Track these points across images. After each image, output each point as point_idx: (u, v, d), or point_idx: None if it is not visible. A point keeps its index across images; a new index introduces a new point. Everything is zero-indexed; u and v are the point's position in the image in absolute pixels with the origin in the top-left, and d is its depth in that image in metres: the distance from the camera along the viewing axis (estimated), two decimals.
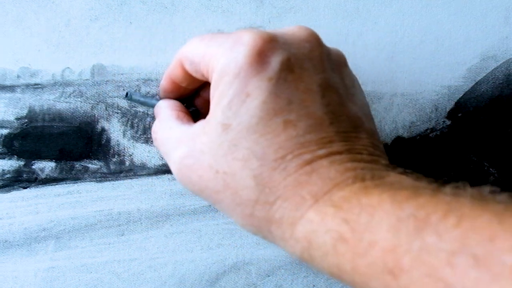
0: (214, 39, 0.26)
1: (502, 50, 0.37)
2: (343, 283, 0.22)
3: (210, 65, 0.26)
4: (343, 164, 0.23)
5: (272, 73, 0.24)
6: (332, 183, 0.23)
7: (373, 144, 0.25)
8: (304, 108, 0.24)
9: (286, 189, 0.23)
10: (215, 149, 0.25)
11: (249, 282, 0.35)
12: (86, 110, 0.34)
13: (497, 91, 0.37)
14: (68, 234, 0.34)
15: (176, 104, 0.31)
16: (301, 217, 0.23)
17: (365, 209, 0.21)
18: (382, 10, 0.36)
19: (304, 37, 0.26)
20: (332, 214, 0.22)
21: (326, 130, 0.24)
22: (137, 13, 0.34)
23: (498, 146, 0.37)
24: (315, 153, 0.23)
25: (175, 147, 0.27)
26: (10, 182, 0.34)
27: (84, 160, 0.34)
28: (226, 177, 0.25)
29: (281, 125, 0.24)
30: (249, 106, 0.24)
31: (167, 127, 0.29)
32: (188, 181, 0.26)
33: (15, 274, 0.33)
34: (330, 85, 0.25)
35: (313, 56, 0.25)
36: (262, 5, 0.35)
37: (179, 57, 0.29)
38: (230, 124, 0.24)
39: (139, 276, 0.35)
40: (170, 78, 0.30)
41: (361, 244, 0.21)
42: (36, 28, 0.33)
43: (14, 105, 0.33)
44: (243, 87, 0.24)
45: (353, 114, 0.26)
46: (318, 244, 0.22)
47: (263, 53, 0.24)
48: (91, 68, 0.34)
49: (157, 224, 0.35)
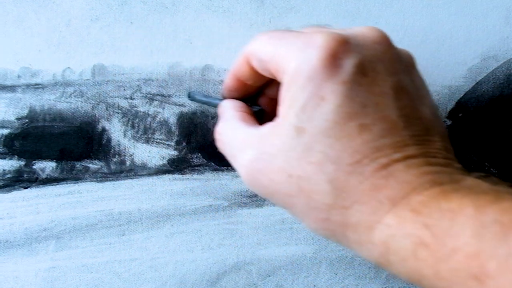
0: (284, 38, 0.26)
1: (503, 50, 0.37)
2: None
3: (280, 65, 0.25)
4: (419, 168, 0.23)
5: (346, 76, 0.24)
6: (410, 187, 0.23)
7: (446, 147, 0.25)
8: (379, 112, 0.24)
9: (362, 193, 0.23)
10: (288, 152, 0.24)
11: (250, 282, 0.35)
12: (87, 110, 0.34)
13: (498, 91, 0.37)
14: (68, 234, 0.34)
15: (241, 104, 0.30)
16: (379, 222, 0.23)
17: (446, 214, 0.21)
18: (383, 10, 0.36)
19: (375, 39, 0.25)
20: (411, 218, 0.22)
21: (401, 134, 0.24)
22: (137, 13, 0.34)
23: (499, 146, 0.37)
24: (390, 157, 0.23)
25: (242, 149, 0.27)
26: (10, 182, 0.34)
27: (84, 160, 0.34)
28: (300, 181, 0.24)
29: (356, 129, 0.23)
30: (324, 110, 0.24)
31: (232, 128, 0.28)
32: (258, 185, 0.26)
33: (15, 274, 0.33)
34: (402, 88, 0.25)
35: (385, 58, 0.25)
36: (263, 5, 0.35)
37: (246, 54, 0.28)
38: (305, 127, 0.24)
39: (140, 276, 0.35)
40: (235, 76, 0.30)
41: (443, 249, 0.20)
42: (37, 28, 0.33)
43: (15, 105, 0.33)
44: (317, 90, 0.24)
45: (425, 116, 0.25)
46: (397, 249, 0.22)
47: (337, 56, 0.24)
48: (91, 68, 0.34)
49: (158, 224, 0.35)
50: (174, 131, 0.35)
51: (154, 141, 0.35)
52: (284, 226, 0.36)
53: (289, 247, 0.36)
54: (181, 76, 0.35)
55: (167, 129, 0.35)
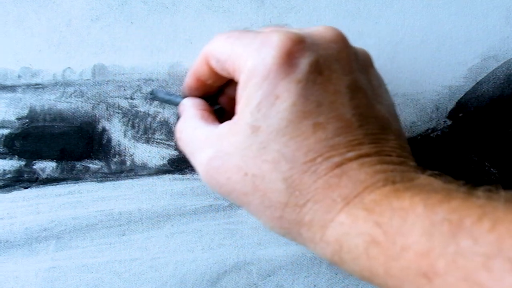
0: (241, 38, 0.26)
1: (503, 50, 0.37)
2: (375, 286, 0.22)
3: (237, 65, 0.26)
4: (372, 167, 0.23)
5: (301, 75, 0.24)
6: (363, 186, 0.23)
7: (401, 145, 0.25)
8: (333, 111, 0.24)
9: (316, 191, 0.23)
10: (243, 150, 0.25)
11: (250, 282, 0.35)
12: (87, 110, 0.34)
13: (498, 91, 0.37)
14: (69, 234, 0.34)
15: (201, 102, 0.31)
16: (332, 220, 0.23)
17: (397, 212, 0.21)
18: (383, 10, 0.36)
19: (331, 38, 0.26)
20: (364, 217, 0.22)
21: (355, 133, 0.24)
22: (138, 13, 0.34)
23: (499, 146, 0.37)
24: (344, 155, 0.23)
25: (201, 148, 0.27)
26: (11, 182, 0.34)
27: (85, 160, 0.34)
28: (255, 179, 0.24)
29: (310, 127, 0.24)
30: (279, 108, 0.24)
31: (192, 127, 0.29)
32: (215, 183, 0.26)
33: (16, 274, 0.33)
34: (358, 87, 0.25)
35: (341, 57, 0.25)
36: (263, 5, 0.35)
37: (205, 54, 0.28)
38: (260, 126, 0.24)
39: (140, 276, 0.35)
40: (195, 75, 0.30)
41: (394, 248, 0.21)
42: (37, 28, 0.33)
43: (15, 105, 0.33)
44: (272, 89, 0.24)
45: (381, 115, 0.25)
46: (350, 247, 0.22)
47: (292, 55, 0.24)
48: (92, 68, 0.34)
49: (158, 224, 0.35)
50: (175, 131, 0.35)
51: (154, 141, 0.35)
52: None
53: (289, 247, 0.36)
54: (181, 76, 0.35)
55: (167, 129, 0.35)
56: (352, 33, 0.36)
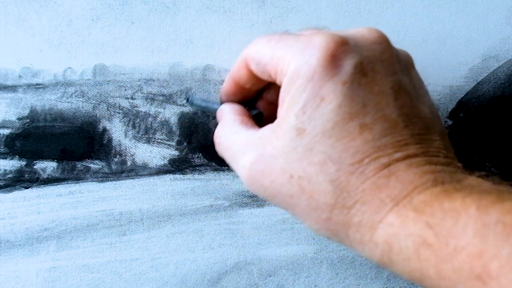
0: (283, 40, 0.26)
1: (504, 50, 0.37)
2: (426, 287, 0.22)
3: (279, 68, 0.26)
4: (421, 167, 0.23)
5: (346, 76, 0.24)
6: (412, 186, 0.23)
7: (446, 146, 0.25)
8: (379, 111, 0.24)
9: (364, 192, 0.23)
10: (288, 153, 0.25)
11: (251, 282, 0.35)
12: (88, 110, 0.34)
13: (499, 91, 0.37)
14: (69, 234, 0.34)
15: (240, 108, 0.31)
16: (381, 221, 0.23)
17: (449, 213, 0.21)
18: (384, 10, 0.36)
19: (374, 39, 0.26)
20: (414, 218, 0.22)
21: (401, 133, 0.24)
22: (138, 13, 0.34)
23: (500, 146, 0.37)
24: (392, 156, 0.23)
25: (243, 152, 0.27)
26: (12, 182, 0.34)
27: (85, 160, 0.34)
28: (301, 181, 0.24)
29: (357, 129, 0.24)
30: (324, 110, 0.24)
31: (231, 132, 0.28)
32: (259, 186, 0.26)
33: (16, 274, 0.33)
34: (402, 87, 0.25)
35: (385, 59, 0.25)
36: (264, 5, 0.35)
37: (245, 58, 0.28)
38: (305, 128, 0.24)
39: (141, 276, 0.35)
40: (233, 80, 0.30)
41: (446, 249, 0.20)
42: (38, 28, 0.33)
43: (16, 105, 0.33)
44: (317, 91, 0.24)
45: (425, 115, 0.25)
46: (400, 248, 0.22)
47: (336, 56, 0.24)
48: (92, 68, 0.34)
49: (159, 224, 0.35)
50: (175, 131, 0.35)
51: (155, 141, 0.35)
52: (285, 226, 0.36)
53: (290, 247, 0.36)
54: (182, 76, 0.35)
55: (168, 129, 0.35)
56: None
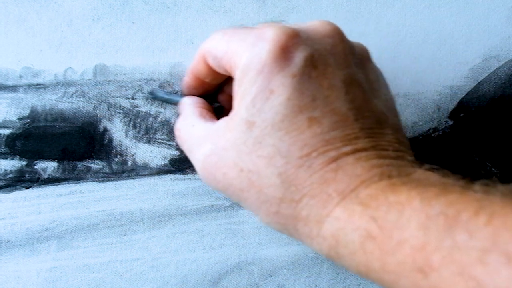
0: (236, 34, 0.26)
1: (505, 50, 0.37)
2: (371, 281, 0.22)
3: (233, 61, 0.26)
4: (369, 161, 0.23)
5: (295, 69, 0.24)
6: (359, 180, 0.23)
7: (399, 140, 0.25)
8: (329, 105, 0.24)
9: (312, 186, 0.23)
10: (239, 146, 0.25)
11: (252, 282, 0.35)
12: (89, 110, 0.34)
13: (500, 91, 0.37)
14: (70, 234, 0.34)
15: (200, 101, 0.31)
16: (328, 215, 0.23)
17: (393, 206, 0.21)
18: (385, 10, 0.36)
19: (326, 32, 0.26)
20: (360, 211, 0.22)
21: (351, 127, 0.24)
22: (139, 13, 0.34)
23: (500, 146, 0.37)
24: (340, 150, 0.23)
25: (199, 144, 0.27)
26: (12, 182, 0.34)
27: (86, 160, 0.34)
28: (251, 175, 0.24)
29: (305, 122, 0.23)
30: (273, 103, 0.24)
31: (190, 124, 0.29)
32: (212, 179, 0.26)
33: (17, 274, 0.33)
34: (354, 81, 0.25)
35: (336, 52, 0.25)
36: (265, 5, 0.35)
37: (202, 52, 0.28)
38: (254, 121, 0.24)
39: (142, 276, 0.35)
40: (193, 74, 0.30)
41: (390, 242, 0.20)
42: (38, 28, 0.33)
43: (17, 105, 0.33)
44: (266, 83, 0.24)
45: (378, 109, 0.25)
46: (346, 242, 0.22)
47: (287, 49, 0.24)
48: (93, 68, 0.34)
49: (159, 224, 0.35)
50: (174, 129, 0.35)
51: (155, 141, 0.35)
52: None
53: (290, 247, 0.36)
54: (182, 76, 0.35)
55: (168, 129, 0.35)
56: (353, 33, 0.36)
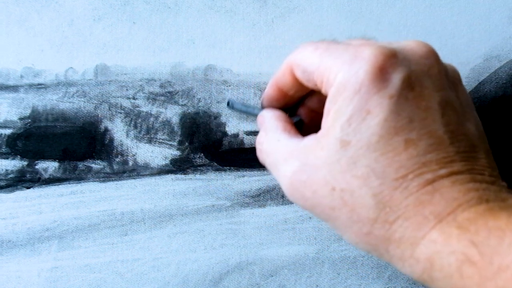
0: (330, 50, 0.26)
1: (506, 50, 0.37)
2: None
3: (326, 77, 0.25)
4: (465, 185, 0.23)
5: (393, 90, 0.24)
6: (456, 204, 0.23)
7: (491, 164, 0.25)
8: (425, 127, 0.24)
9: (407, 208, 0.23)
10: (332, 165, 0.24)
11: (253, 282, 0.35)
12: (89, 110, 0.34)
13: (501, 91, 0.37)
14: (71, 234, 0.34)
15: (282, 114, 0.30)
16: (423, 237, 0.23)
17: (494, 232, 0.21)
18: (385, 10, 0.36)
19: (423, 54, 0.25)
20: (458, 235, 0.22)
21: (447, 150, 0.24)
22: (140, 13, 0.34)
23: (501, 146, 0.37)
24: (436, 172, 0.23)
25: (285, 160, 0.27)
26: (13, 182, 0.34)
27: (87, 160, 0.34)
28: (343, 194, 0.24)
29: (402, 144, 0.23)
30: (370, 123, 0.24)
31: (274, 138, 0.28)
32: (300, 196, 0.26)
33: (18, 274, 0.33)
34: (449, 104, 0.25)
35: (433, 74, 0.25)
36: (266, 5, 0.35)
37: (290, 64, 0.28)
38: (350, 141, 0.24)
39: (143, 276, 0.35)
40: (277, 86, 0.30)
41: (490, 268, 0.20)
42: (40, 28, 0.33)
43: (18, 105, 0.33)
44: (363, 103, 0.24)
45: (471, 133, 0.25)
46: (442, 266, 0.22)
47: (384, 70, 0.24)
48: (94, 68, 0.34)
49: (160, 224, 0.35)
50: (177, 131, 0.35)
51: (156, 141, 0.35)
52: (287, 226, 0.36)
53: (291, 247, 0.36)
54: (183, 76, 0.35)
55: (169, 129, 0.35)
56: (354, 34, 0.36)
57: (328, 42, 0.27)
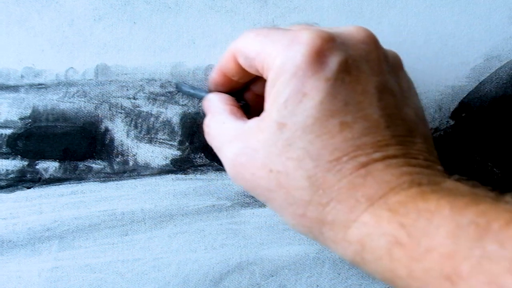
0: (270, 35, 0.26)
1: (506, 50, 0.37)
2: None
3: (266, 62, 0.26)
4: (399, 168, 0.23)
5: (329, 73, 0.24)
6: (388, 187, 0.23)
7: (428, 149, 0.25)
8: (361, 111, 0.24)
9: (340, 191, 0.23)
10: (269, 147, 0.25)
11: (253, 282, 0.35)
12: (90, 110, 0.34)
13: (501, 91, 0.37)
14: (71, 234, 0.34)
15: (228, 98, 0.31)
16: (355, 220, 0.23)
17: (423, 214, 0.21)
18: (386, 10, 0.36)
19: (361, 38, 0.26)
20: (388, 218, 0.22)
21: (382, 134, 0.24)
22: (141, 13, 0.34)
23: (502, 146, 0.37)
24: (370, 156, 0.23)
25: (229, 142, 0.27)
26: (14, 182, 0.34)
27: (87, 160, 0.34)
28: (279, 176, 0.24)
29: (337, 126, 0.24)
30: (306, 106, 0.24)
31: (220, 121, 0.29)
32: (240, 178, 0.26)
33: (19, 274, 0.33)
34: (386, 88, 0.25)
35: (371, 58, 0.25)
36: (266, 5, 0.35)
37: (233, 51, 0.28)
38: (286, 123, 0.24)
39: (143, 276, 0.35)
40: (221, 71, 0.30)
41: (418, 249, 0.20)
42: (40, 28, 0.33)
43: (18, 105, 0.33)
44: (300, 86, 0.24)
45: (409, 118, 0.25)
46: (372, 248, 0.22)
47: (321, 53, 0.24)
48: (94, 68, 0.34)
49: (161, 224, 0.35)
50: (177, 131, 0.35)
51: (157, 141, 0.35)
52: (287, 226, 0.36)
53: (292, 247, 0.36)
54: (184, 76, 0.35)
55: (170, 129, 0.35)
56: None
57: (269, 28, 0.27)
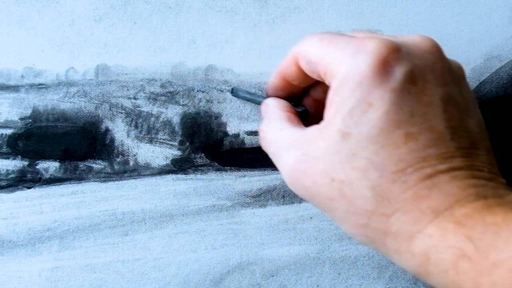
0: (334, 41, 0.26)
1: (507, 50, 0.37)
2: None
3: (329, 69, 0.26)
4: (464, 181, 0.23)
5: (395, 84, 0.24)
6: (454, 199, 0.23)
7: (491, 161, 0.25)
8: (426, 122, 0.24)
9: (405, 202, 0.23)
10: (331, 156, 0.24)
11: (253, 282, 0.35)
12: (90, 110, 0.34)
13: (502, 91, 0.37)
14: (72, 234, 0.34)
15: (286, 104, 0.31)
16: (420, 232, 0.23)
17: (490, 227, 0.21)
18: (386, 10, 0.36)
19: (427, 48, 0.25)
20: (454, 230, 0.22)
21: (447, 145, 0.24)
22: (141, 13, 0.34)
23: (502, 146, 0.37)
24: (435, 167, 0.23)
25: (287, 149, 0.27)
26: (14, 182, 0.34)
27: (88, 160, 0.34)
28: (342, 185, 0.24)
29: (402, 137, 0.23)
30: (371, 116, 0.24)
31: (277, 128, 0.29)
32: (299, 186, 0.26)
33: (19, 274, 0.33)
34: (451, 99, 0.25)
35: (436, 69, 0.25)
36: (266, 5, 0.35)
37: (295, 54, 0.28)
38: (350, 132, 0.24)
39: (143, 276, 0.35)
40: (281, 76, 0.30)
41: (485, 263, 0.20)
42: (40, 28, 0.33)
43: (18, 105, 0.33)
44: (365, 96, 0.24)
45: (472, 129, 0.25)
46: (437, 260, 0.22)
47: (387, 63, 0.24)
48: (95, 68, 0.34)
49: (161, 224, 0.35)
50: (178, 131, 0.35)
51: (157, 141, 0.35)
52: (288, 226, 0.36)
53: (292, 247, 0.36)
54: (184, 76, 0.35)
55: (170, 129, 0.35)
56: None
57: (333, 34, 0.27)
